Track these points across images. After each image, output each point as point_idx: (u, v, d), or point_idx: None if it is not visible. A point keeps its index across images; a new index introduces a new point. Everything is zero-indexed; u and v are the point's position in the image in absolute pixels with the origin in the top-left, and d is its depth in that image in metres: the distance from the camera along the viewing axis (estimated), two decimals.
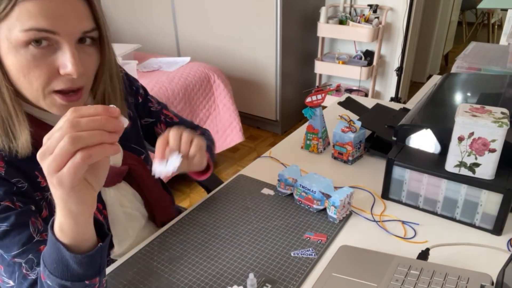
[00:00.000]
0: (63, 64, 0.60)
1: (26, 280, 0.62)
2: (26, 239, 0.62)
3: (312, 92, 1.13)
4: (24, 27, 0.56)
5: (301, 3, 2.90)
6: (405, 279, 0.70)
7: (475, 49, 1.61)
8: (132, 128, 0.89)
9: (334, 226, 0.89)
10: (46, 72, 0.60)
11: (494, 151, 0.79)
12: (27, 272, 0.62)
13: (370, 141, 1.17)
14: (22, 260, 0.62)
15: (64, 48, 0.59)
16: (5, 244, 0.62)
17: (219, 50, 3.11)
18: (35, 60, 0.58)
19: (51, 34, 0.58)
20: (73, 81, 0.62)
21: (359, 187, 1.02)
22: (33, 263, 0.62)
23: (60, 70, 0.60)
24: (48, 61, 0.59)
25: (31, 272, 0.62)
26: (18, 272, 0.62)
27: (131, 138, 0.88)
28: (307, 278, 0.76)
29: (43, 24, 0.56)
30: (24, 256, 0.62)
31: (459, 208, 0.87)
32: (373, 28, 2.75)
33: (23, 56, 0.58)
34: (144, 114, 0.95)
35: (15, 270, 0.62)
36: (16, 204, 0.63)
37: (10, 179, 0.63)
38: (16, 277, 0.62)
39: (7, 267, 0.63)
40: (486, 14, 5.14)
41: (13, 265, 0.62)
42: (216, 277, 0.77)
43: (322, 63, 3.06)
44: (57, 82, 0.61)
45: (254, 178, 1.08)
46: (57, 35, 0.58)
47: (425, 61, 3.92)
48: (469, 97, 1.09)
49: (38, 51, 0.58)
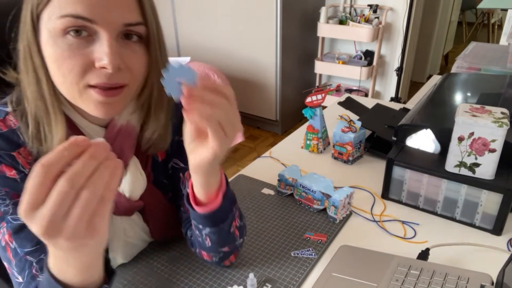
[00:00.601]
0: (99, 56, 0.55)
1: (34, 280, 0.61)
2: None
3: (312, 92, 1.14)
4: (61, 13, 0.53)
5: (301, 3, 2.90)
6: (405, 279, 0.70)
7: (475, 49, 1.61)
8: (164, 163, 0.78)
9: (334, 226, 0.89)
10: (80, 63, 0.55)
11: (494, 151, 0.79)
12: (36, 272, 0.61)
13: (370, 141, 1.17)
14: (34, 259, 0.62)
15: (102, 39, 0.55)
16: (20, 238, 0.61)
17: (219, 50, 3.11)
18: (70, 50, 0.54)
19: (89, 22, 0.53)
20: (109, 77, 0.56)
21: (359, 187, 1.02)
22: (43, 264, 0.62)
23: (96, 63, 0.55)
24: (84, 52, 0.55)
25: (40, 274, 0.61)
26: (28, 271, 0.62)
27: (161, 171, 0.77)
28: (307, 278, 0.76)
29: (80, 10, 0.53)
30: (36, 255, 0.62)
31: (459, 208, 0.87)
32: (373, 28, 2.75)
33: (60, 46, 0.54)
34: (178, 155, 0.78)
35: (25, 268, 0.62)
36: None
37: None
38: (25, 275, 0.62)
39: (19, 263, 0.62)
40: (486, 14, 5.14)
41: (24, 262, 0.62)
42: (216, 277, 0.77)
43: (322, 63, 3.06)
44: (92, 76, 0.56)
45: (254, 178, 1.08)
46: (94, 24, 0.54)
47: (425, 61, 3.92)
48: (469, 97, 1.09)
49: (75, 40, 0.54)
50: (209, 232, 0.68)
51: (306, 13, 2.99)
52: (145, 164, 0.74)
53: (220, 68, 2.79)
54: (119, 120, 0.67)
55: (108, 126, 0.67)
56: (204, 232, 0.69)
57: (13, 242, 0.61)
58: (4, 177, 0.60)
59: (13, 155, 0.60)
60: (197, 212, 0.65)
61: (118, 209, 0.72)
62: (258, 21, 2.83)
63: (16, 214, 0.60)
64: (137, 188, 0.72)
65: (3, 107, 0.63)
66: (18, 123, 0.61)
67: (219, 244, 0.71)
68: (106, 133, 0.66)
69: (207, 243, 0.70)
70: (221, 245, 0.71)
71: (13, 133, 0.61)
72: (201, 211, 0.65)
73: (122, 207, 0.71)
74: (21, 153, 0.61)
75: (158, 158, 0.77)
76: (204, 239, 0.70)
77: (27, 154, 0.62)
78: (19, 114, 0.61)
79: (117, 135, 0.67)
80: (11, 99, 0.62)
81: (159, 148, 0.71)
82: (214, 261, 0.76)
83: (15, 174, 0.60)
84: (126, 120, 0.68)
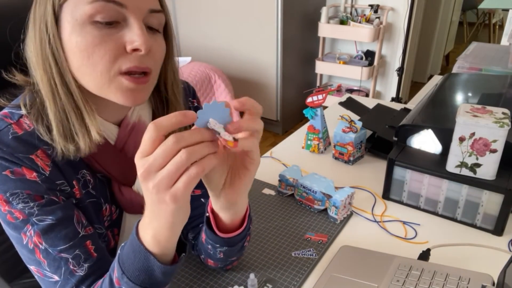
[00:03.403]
0: (131, 39, 0.56)
1: (73, 276, 0.61)
2: (72, 234, 0.61)
3: (313, 92, 1.14)
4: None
5: (302, 3, 2.90)
6: (406, 279, 0.70)
7: (476, 49, 1.61)
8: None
9: (335, 227, 0.89)
10: (112, 49, 0.56)
11: (495, 151, 0.79)
12: (74, 268, 0.61)
13: (371, 141, 1.17)
14: (69, 255, 0.61)
15: (131, 23, 0.56)
16: (51, 238, 0.60)
17: (220, 50, 3.12)
18: (101, 36, 0.55)
19: (119, 6, 0.55)
20: (140, 60, 0.58)
21: (360, 187, 1.02)
22: (80, 259, 0.61)
23: (127, 46, 0.56)
24: (115, 37, 0.56)
25: (78, 268, 0.61)
26: (64, 268, 0.61)
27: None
28: (308, 278, 0.76)
29: None
30: (71, 252, 0.61)
31: (460, 209, 0.87)
32: (374, 28, 2.74)
33: (89, 33, 0.55)
34: None
35: (61, 265, 0.61)
36: (59, 197, 0.62)
37: (54, 180, 0.62)
38: (62, 272, 0.61)
39: (53, 262, 0.61)
40: (487, 14, 5.14)
41: (59, 260, 0.61)
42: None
43: (323, 63, 3.06)
44: (124, 60, 0.57)
45: (255, 178, 1.07)
46: (124, 9, 0.55)
47: (426, 61, 3.92)
48: (470, 97, 1.09)
49: (104, 27, 0.55)
50: (226, 250, 0.69)
51: (307, 13, 2.99)
52: None
53: (221, 68, 2.80)
54: (132, 117, 0.69)
55: (122, 124, 0.68)
56: (220, 250, 0.69)
57: (43, 243, 0.60)
58: (25, 180, 0.59)
59: (31, 158, 0.60)
60: (219, 237, 0.66)
61: (134, 207, 0.72)
62: (258, 21, 2.83)
63: (42, 215, 0.60)
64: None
65: (16, 110, 0.62)
66: (34, 125, 0.60)
67: (230, 257, 0.72)
68: (120, 131, 0.67)
69: (219, 256, 0.71)
70: (232, 257, 0.73)
71: (29, 135, 0.60)
72: (225, 236, 0.66)
73: (137, 204, 0.72)
74: (38, 155, 0.61)
75: None
76: (217, 253, 0.70)
77: (45, 156, 0.61)
78: (34, 116, 0.60)
79: (131, 133, 0.68)
80: (24, 102, 0.61)
81: None
82: (219, 267, 0.77)
83: (36, 176, 0.60)
84: (137, 116, 0.69)
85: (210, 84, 2.49)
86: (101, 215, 0.70)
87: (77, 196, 0.65)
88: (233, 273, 0.77)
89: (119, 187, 0.70)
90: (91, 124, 0.59)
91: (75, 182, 0.65)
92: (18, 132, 0.60)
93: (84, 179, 0.66)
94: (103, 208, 0.70)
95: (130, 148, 0.69)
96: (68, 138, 0.60)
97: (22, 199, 0.59)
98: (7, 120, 0.61)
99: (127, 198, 0.71)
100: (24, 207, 0.59)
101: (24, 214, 0.59)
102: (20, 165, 0.59)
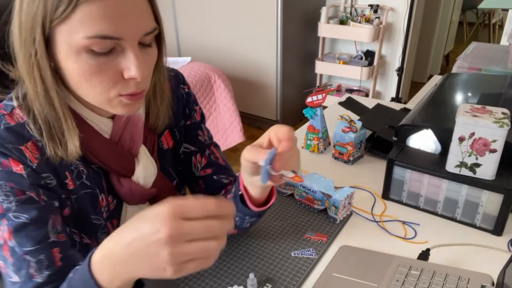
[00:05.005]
0: (127, 67, 0.57)
1: (31, 281, 0.60)
2: (42, 237, 0.61)
3: (313, 92, 1.13)
4: (87, 34, 0.53)
5: (301, 3, 2.90)
6: (406, 279, 0.70)
7: (476, 49, 1.61)
8: (173, 151, 0.83)
9: (335, 226, 0.89)
10: (110, 76, 0.58)
11: (494, 151, 0.79)
12: (34, 273, 0.60)
13: (370, 141, 1.17)
14: (33, 259, 0.61)
15: (127, 51, 0.57)
16: (20, 237, 0.60)
17: (220, 50, 3.12)
18: (98, 65, 0.56)
19: (115, 40, 0.55)
20: (137, 85, 0.60)
21: (359, 187, 1.02)
22: (42, 265, 0.61)
23: (124, 74, 0.58)
24: (111, 65, 0.57)
25: (38, 274, 0.60)
26: (25, 271, 0.60)
27: (169, 160, 0.82)
28: (308, 278, 0.76)
29: (107, 30, 0.54)
30: (36, 255, 0.61)
31: (460, 209, 0.87)
32: (374, 28, 2.74)
33: (85, 61, 0.56)
34: (187, 140, 0.85)
35: (23, 267, 0.61)
36: (40, 197, 0.62)
37: (40, 173, 0.62)
38: (22, 275, 0.61)
39: (17, 261, 0.61)
40: (487, 14, 5.14)
41: (22, 261, 0.60)
42: (216, 277, 0.77)
43: (323, 63, 3.06)
44: (122, 87, 0.59)
45: None
46: (121, 40, 0.56)
47: (425, 61, 3.92)
48: (469, 97, 1.09)
49: (100, 55, 0.56)
50: (254, 220, 0.78)
51: (307, 13, 2.99)
52: (151, 153, 0.76)
53: (221, 68, 2.79)
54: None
55: (115, 117, 0.69)
56: (248, 220, 0.77)
57: (12, 240, 0.60)
58: (11, 172, 0.60)
59: (21, 149, 0.61)
60: (254, 211, 0.73)
61: (134, 197, 0.73)
62: (258, 21, 2.83)
63: (18, 212, 0.60)
64: (149, 175, 0.75)
65: (9, 101, 0.63)
66: (26, 118, 0.62)
67: (254, 224, 0.81)
68: (114, 124, 0.69)
69: (246, 225, 0.79)
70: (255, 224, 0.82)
71: (20, 127, 0.61)
72: (258, 210, 0.74)
73: (137, 195, 0.73)
74: (28, 147, 0.62)
75: (163, 146, 0.80)
76: (245, 223, 0.78)
77: (34, 148, 0.62)
78: (26, 109, 0.62)
79: (126, 125, 0.69)
80: (16, 95, 0.63)
81: (165, 123, 0.76)
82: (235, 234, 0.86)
83: (22, 169, 0.60)
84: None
85: (210, 84, 2.49)
86: (98, 206, 0.71)
87: (70, 187, 0.66)
88: (233, 273, 0.77)
89: (118, 179, 0.71)
90: (69, 140, 0.61)
91: (68, 173, 0.66)
92: (10, 123, 0.61)
93: (78, 170, 0.67)
94: (99, 198, 0.70)
95: (126, 140, 0.70)
96: (55, 142, 0.61)
97: (4, 191, 0.60)
98: (0, 111, 0.62)
99: (127, 189, 0.72)
100: (3, 200, 0.59)
101: (1, 208, 0.59)
102: (8, 156, 0.60)
